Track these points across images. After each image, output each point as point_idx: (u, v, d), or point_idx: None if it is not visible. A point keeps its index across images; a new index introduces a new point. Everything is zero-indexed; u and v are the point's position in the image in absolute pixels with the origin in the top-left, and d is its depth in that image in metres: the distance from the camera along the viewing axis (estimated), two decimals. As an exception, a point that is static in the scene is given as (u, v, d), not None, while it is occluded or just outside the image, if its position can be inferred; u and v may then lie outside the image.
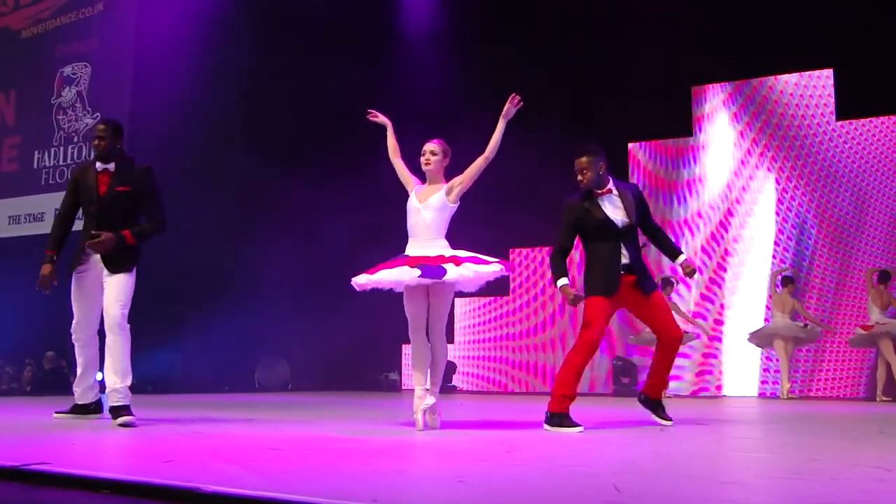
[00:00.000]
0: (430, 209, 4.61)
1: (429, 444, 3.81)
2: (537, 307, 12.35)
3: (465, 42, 11.87)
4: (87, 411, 5.13)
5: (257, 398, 8.81)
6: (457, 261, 4.40)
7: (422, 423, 4.42)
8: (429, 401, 4.46)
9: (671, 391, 9.10)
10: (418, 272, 4.32)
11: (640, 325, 8.94)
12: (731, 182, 11.40)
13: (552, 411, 4.42)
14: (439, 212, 4.61)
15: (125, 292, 4.75)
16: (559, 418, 4.38)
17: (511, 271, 7.44)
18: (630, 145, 11.90)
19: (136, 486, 2.37)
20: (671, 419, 4.85)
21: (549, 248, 12.27)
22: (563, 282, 4.59)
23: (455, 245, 4.63)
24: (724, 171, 11.48)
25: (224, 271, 10.74)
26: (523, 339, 12.39)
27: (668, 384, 5.01)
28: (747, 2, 10.53)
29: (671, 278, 10.17)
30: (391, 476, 2.62)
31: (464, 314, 12.80)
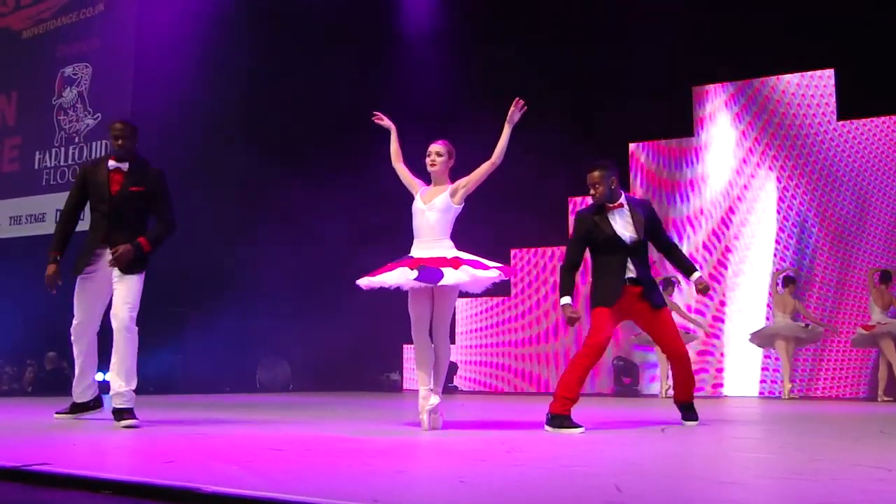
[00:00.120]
0: (434, 210, 4.63)
1: (429, 445, 3.82)
2: (538, 308, 12.35)
3: (465, 42, 11.87)
4: (86, 408, 5.14)
5: (258, 398, 8.81)
6: (456, 264, 4.40)
7: (427, 423, 4.44)
8: (433, 401, 4.48)
9: (670, 391, 9.08)
10: (415, 275, 4.34)
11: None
12: (732, 182, 11.40)
13: (553, 412, 4.43)
14: (443, 213, 4.63)
15: (135, 294, 4.73)
16: (560, 420, 4.39)
17: (513, 276, 7.44)
18: (631, 146, 11.90)
19: (137, 486, 2.37)
20: (696, 419, 5.03)
21: (549, 249, 12.34)
22: (565, 300, 4.68)
23: (457, 245, 4.64)
24: (726, 171, 11.47)
25: (224, 271, 10.74)
26: (524, 340, 12.39)
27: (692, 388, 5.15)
28: (748, 2, 10.53)
29: (672, 278, 10.16)
30: (392, 476, 2.62)
31: (465, 315, 12.80)
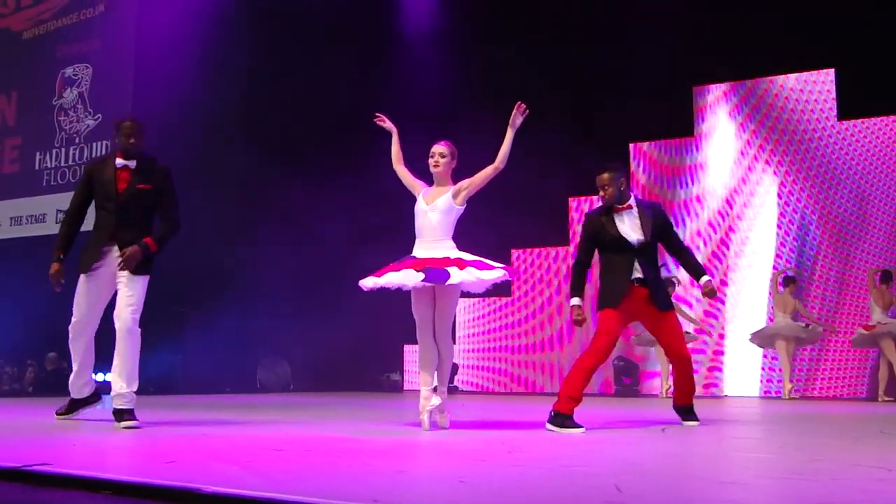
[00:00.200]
0: (436, 211, 4.66)
1: (430, 445, 3.82)
2: (538, 308, 12.35)
3: (465, 42, 11.87)
4: (85, 403, 5.14)
5: (258, 399, 8.81)
6: (461, 264, 4.43)
7: (428, 424, 4.45)
8: (435, 401, 4.50)
9: (671, 391, 9.08)
10: (422, 276, 4.36)
11: (641, 327, 8.92)
12: (732, 182, 11.39)
13: (556, 410, 4.44)
14: (446, 214, 4.66)
15: (139, 296, 4.70)
16: (562, 419, 4.40)
17: (516, 277, 7.46)
18: (631, 146, 11.88)
19: (137, 486, 2.37)
20: (697, 419, 5.04)
21: (550, 250, 12.35)
22: (574, 301, 4.84)
23: (459, 246, 4.66)
24: (726, 170, 11.47)
25: (225, 271, 10.74)
26: (525, 341, 12.39)
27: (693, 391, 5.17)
28: (748, 2, 10.53)
29: (673, 278, 10.16)
30: (392, 476, 2.62)
31: (465, 315, 12.80)
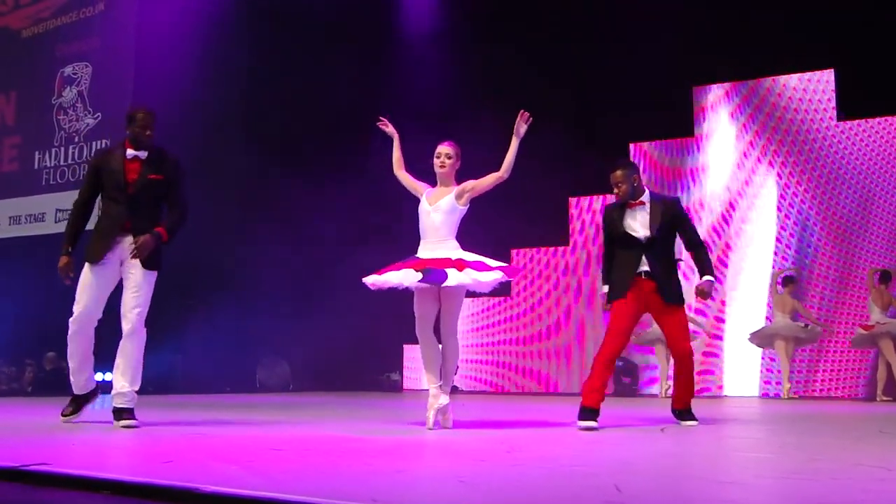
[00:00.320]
0: (440, 212, 4.68)
1: (429, 445, 3.82)
2: (538, 308, 12.35)
3: (465, 41, 11.86)
4: (88, 399, 5.00)
5: (258, 398, 8.81)
6: (461, 265, 4.45)
7: (432, 422, 4.47)
8: (443, 400, 4.51)
9: (670, 391, 9.08)
10: (420, 276, 4.39)
11: (639, 327, 8.91)
12: (732, 182, 11.39)
13: (580, 405, 4.65)
14: (449, 214, 4.68)
15: (147, 295, 4.64)
16: (584, 412, 4.61)
17: (514, 276, 7.48)
18: (631, 146, 11.87)
19: (136, 486, 2.37)
20: (695, 419, 5.06)
21: (550, 249, 12.35)
22: (604, 289, 5.05)
23: (460, 246, 4.69)
24: (726, 171, 11.46)
25: (224, 271, 10.73)
26: (524, 340, 12.38)
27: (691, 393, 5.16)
28: (748, 1, 10.52)
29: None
30: (391, 476, 2.62)
31: (465, 315, 12.78)
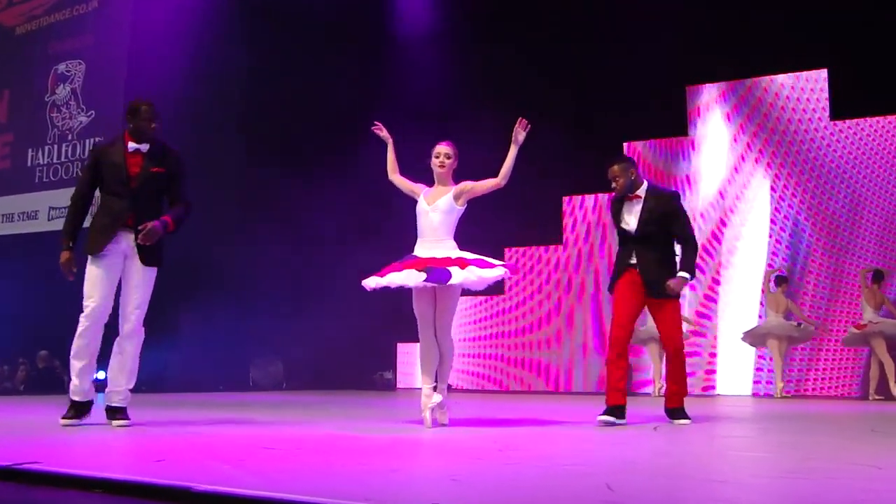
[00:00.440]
0: (438, 212, 4.71)
1: (423, 443, 3.82)
2: (532, 306, 12.35)
3: (464, 41, 11.85)
4: (87, 410, 4.69)
5: (251, 397, 8.80)
6: (462, 263, 4.48)
7: (430, 421, 4.49)
8: (436, 399, 4.54)
9: (664, 390, 9.10)
10: (424, 276, 4.41)
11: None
12: (725, 181, 11.40)
13: (606, 405, 4.75)
14: (447, 214, 4.71)
15: (148, 293, 4.59)
16: (610, 410, 4.72)
17: (515, 274, 7.51)
18: (625, 145, 11.87)
19: (128, 485, 2.36)
20: (688, 418, 5.04)
21: (544, 248, 12.35)
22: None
23: (457, 244, 4.71)
24: (719, 170, 11.48)
25: (219, 270, 10.70)
26: (518, 338, 12.39)
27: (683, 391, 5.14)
28: (741, 2, 10.53)
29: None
30: (385, 475, 2.62)
31: (458, 313, 12.77)
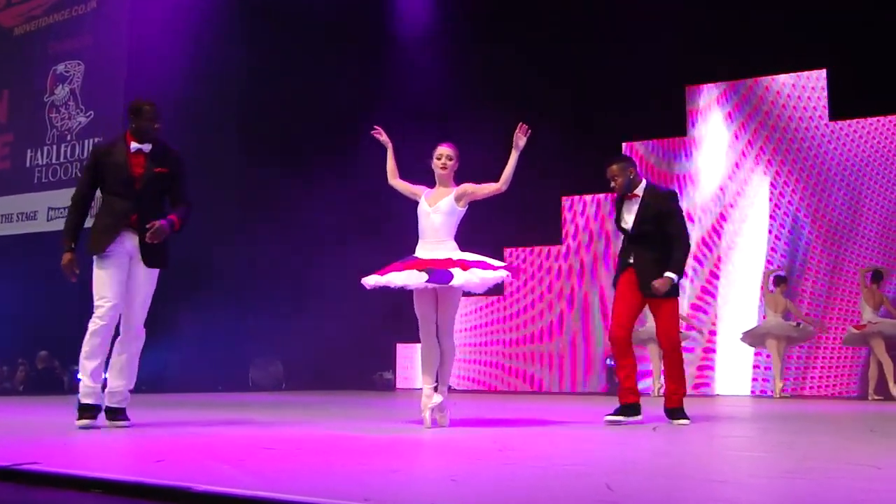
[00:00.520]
0: (439, 213, 4.70)
1: (422, 443, 3.82)
2: (531, 307, 12.34)
3: (464, 41, 11.85)
4: (97, 413, 4.45)
5: (251, 397, 8.79)
6: (464, 265, 4.49)
7: (430, 422, 4.50)
8: (436, 399, 4.54)
9: (663, 390, 9.11)
10: (426, 277, 4.40)
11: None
12: (724, 181, 11.40)
13: (622, 403, 4.87)
14: (448, 215, 4.72)
15: (150, 294, 4.58)
16: (623, 408, 4.84)
17: (517, 277, 7.51)
18: (624, 145, 11.87)
19: (127, 485, 2.36)
20: (687, 418, 5.01)
21: (543, 248, 12.35)
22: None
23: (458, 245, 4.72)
24: (718, 170, 11.48)
25: (218, 270, 10.70)
26: (516, 339, 12.38)
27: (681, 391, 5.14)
28: (740, 2, 10.54)
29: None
30: (384, 475, 2.62)
31: (457, 314, 12.77)
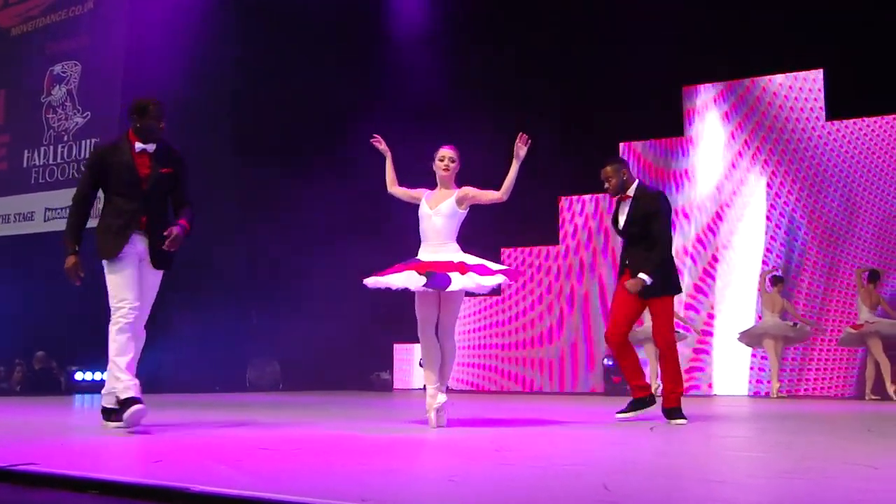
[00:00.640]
0: (440, 216, 4.71)
1: (420, 444, 3.82)
2: (528, 307, 12.34)
3: (462, 41, 11.85)
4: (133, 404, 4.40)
5: (248, 398, 8.79)
6: (463, 269, 4.49)
7: (435, 422, 4.52)
8: (441, 399, 4.55)
9: (660, 390, 9.11)
10: (424, 280, 4.41)
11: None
12: (721, 181, 11.41)
13: (634, 398, 5.10)
14: (450, 218, 4.72)
15: (154, 296, 4.58)
16: (634, 403, 5.10)
17: (515, 280, 7.53)
18: (622, 145, 11.87)
19: (124, 486, 2.36)
20: (684, 418, 5.03)
21: (540, 249, 12.36)
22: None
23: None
24: (715, 170, 11.49)
25: (215, 270, 10.69)
26: (515, 340, 12.38)
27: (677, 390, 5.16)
28: (738, 2, 10.55)
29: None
30: (381, 475, 2.62)
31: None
